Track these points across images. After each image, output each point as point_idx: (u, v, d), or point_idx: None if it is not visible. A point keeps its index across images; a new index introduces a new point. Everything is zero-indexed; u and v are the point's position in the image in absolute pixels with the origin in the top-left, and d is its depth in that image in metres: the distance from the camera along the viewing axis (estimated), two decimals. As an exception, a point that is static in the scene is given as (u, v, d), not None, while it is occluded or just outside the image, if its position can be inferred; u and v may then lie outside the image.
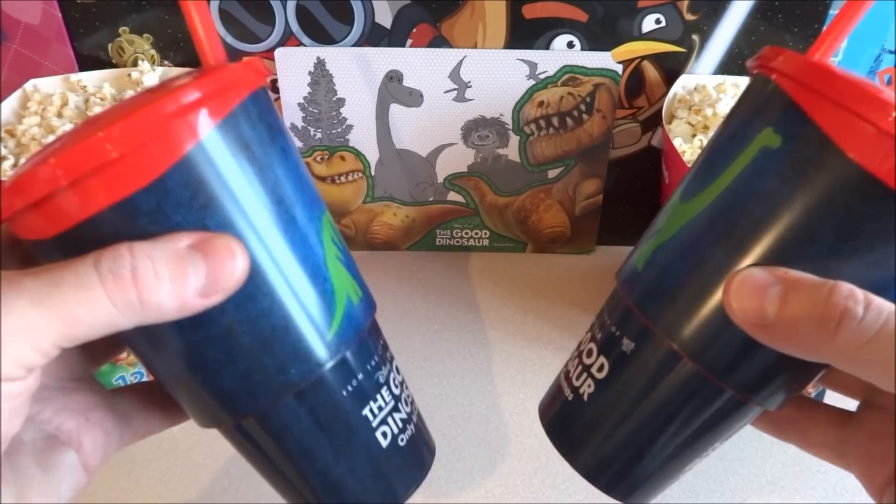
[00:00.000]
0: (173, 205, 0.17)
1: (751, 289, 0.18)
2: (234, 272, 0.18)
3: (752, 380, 0.20)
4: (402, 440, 0.23)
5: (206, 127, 0.18)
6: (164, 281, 0.16)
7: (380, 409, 0.22)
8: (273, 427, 0.21)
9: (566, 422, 0.24)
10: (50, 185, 0.16)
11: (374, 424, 0.22)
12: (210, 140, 0.18)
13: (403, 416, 0.23)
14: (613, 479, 0.23)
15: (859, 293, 0.17)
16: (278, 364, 0.20)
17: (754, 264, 0.19)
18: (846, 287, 0.17)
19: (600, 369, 0.22)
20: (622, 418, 0.22)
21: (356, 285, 0.22)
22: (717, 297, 0.19)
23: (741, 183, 0.19)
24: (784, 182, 0.18)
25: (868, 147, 0.17)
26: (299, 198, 0.20)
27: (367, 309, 0.23)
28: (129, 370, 0.43)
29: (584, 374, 0.23)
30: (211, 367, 0.20)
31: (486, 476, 0.42)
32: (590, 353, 0.23)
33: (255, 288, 0.19)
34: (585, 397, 0.23)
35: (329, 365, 0.21)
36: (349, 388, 0.21)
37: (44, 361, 0.16)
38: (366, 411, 0.22)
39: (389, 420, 0.23)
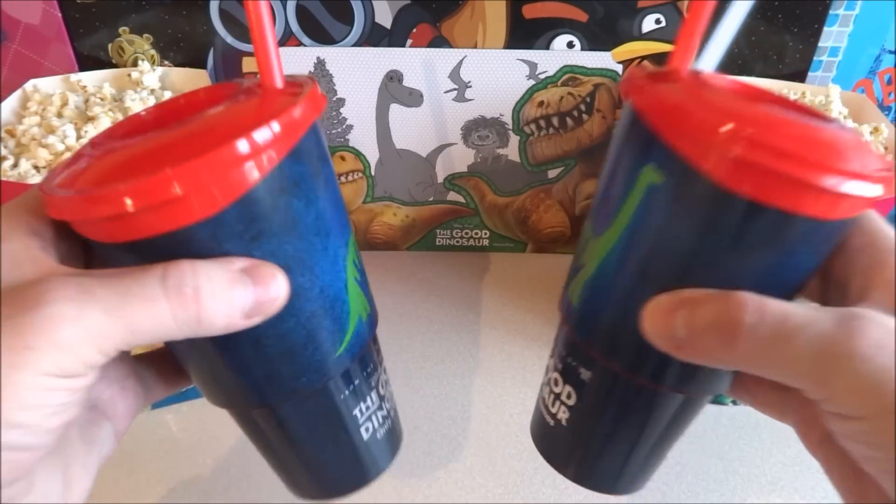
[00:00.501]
0: (227, 235, 0.18)
1: (660, 315, 0.20)
2: (277, 298, 0.19)
3: (696, 381, 0.22)
4: (379, 434, 0.26)
5: (266, 169, 0.18)
6: (220, 301, 0.18)
7: (367, 408, 0.25)
8: (276, 417, 0.23)
9: (554, 444, 0.27)
10: (115, 209, 0.17)
11: (361, 422, 0.25)
12: (268, 181, 0.18)
13: (384, 413, 0.26)
14: (601, 480, 0.26)
15: (752, 302, 0.18)
16: (292, 373, 0.22)
17: (667, 289, 0.20)
18: (739, 297, 0.18)
19: (569, 397, 0.25)
20: (598, 435, 0.25)
21: (366, 302, 0.24)
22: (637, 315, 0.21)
23: (638, 220, 0.20)
24: (674, 214, 0.19)
25: (727, 170, 0.18)
26: (333, 227, 0.21)
27: (373, 322, 0.25)
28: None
29: (558, 402, 0.25)
30: (233, 369, 0.21)
31: (486, 476, 0.42)
32: (556, 382, 0.25)
33: (284, 310, 0.20)
34: (564, 422, 0.25)
35: (335, 375, 0.23)
36: (346, 392, 0.24)
37: (104, 361, 0.18)
38: (356, 411, 0.24)
39: (373, 417, 0.25)
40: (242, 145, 0.17)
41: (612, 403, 0.24)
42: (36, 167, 0.43)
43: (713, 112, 0.18)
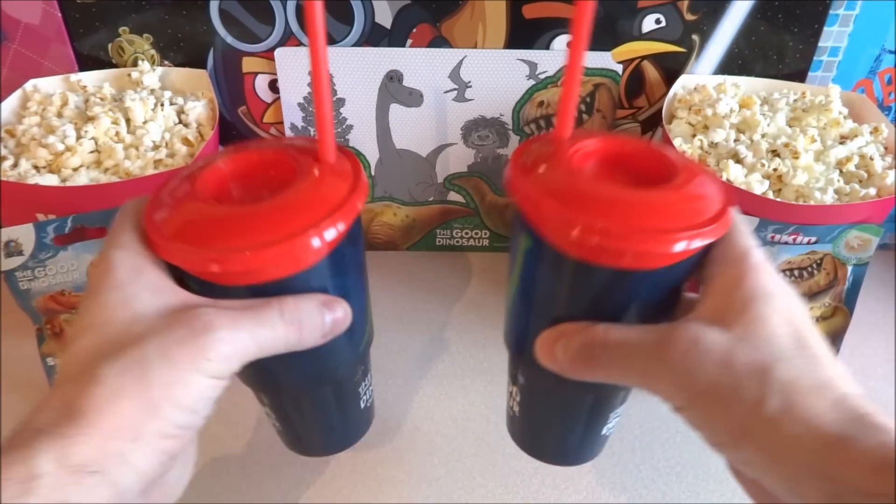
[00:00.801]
0: (314, 278, 0.26)
1: (546, 346, 0.26)
2: (345, 323, 0.27)
3: (595, 387, 0.28)
4: (369, 403, 0.35)
5: (340, 236, 0.25)
6: (313, 328, 0.26)
7: (365, 385, 0.33)
8: (306, 398, 0.32)
9: (514, 429, 0.35)
10: (239, 268, 0.24)
11: (360, 395, 0.33)
12: (340, 243, 0.26)
13: (371, 387, 0.35)
14: (552, 456, 0.35)
15: (599, 333, 0.24)
16: (331, 368, 0.30)
17: (553, 321, 0.27)
18: (592, 331, 0.25)
19: (517, 395, 0.33)
20: (537, 423, 0.33)
21: (371, 307, 0.32)
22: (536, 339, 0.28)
23: (524, 273, 0.28)
24: (542, 270, 0.27)
25: (574, 247, 0.24)
26: (364, 262, 0.29)
27: (372, 321, 0.32)
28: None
29: (511, 398, 0.34)
30: (290, 366, 0.29)
31: (486, 476, 0.42)
32: (510, 384, 0.33)
33: None
34: (517, 413, 0.33)
35: (356, 365, 0.31)
36: (357, 375, 0.32)
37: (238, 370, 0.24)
38: (360, 388, 0.33)
39: (367, 391, 0.34)
40: (329, 228, 0.25)
41: (541, 402, 0.32)
42: (36, 167, 0.43)
43: (565, 203, 0.25)
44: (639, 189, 0.26)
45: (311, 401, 0.32)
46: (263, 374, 0.30)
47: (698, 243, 0.24)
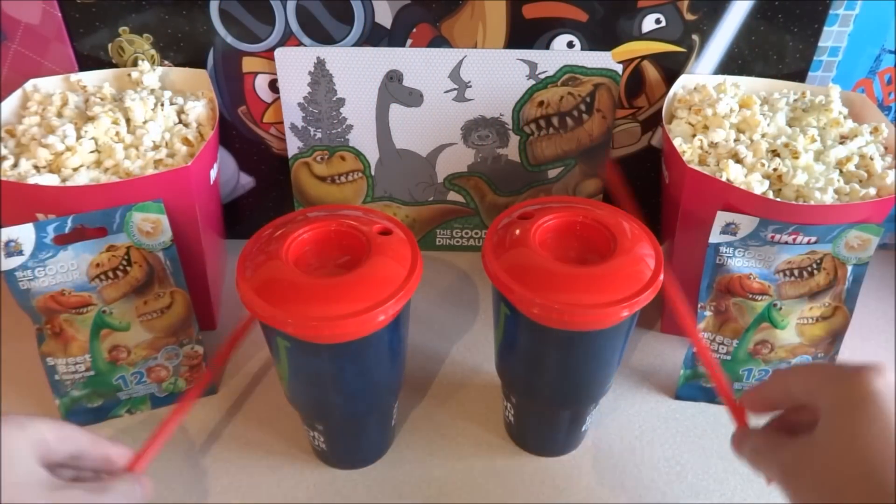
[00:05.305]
0: (390, 331, 0.35)
1: (735, 441, 0.33)
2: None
3: (573, 402, 0.40)
4: (396, 418, 0.43)
5: (403, 304, 0.35)
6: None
7: (396, 406, 0.42)
8: (356, 423, 0.40)
9: (511, 432, 0.45)
10: (328, 336, 0.33)
11: (393, 415, 0.42)
12: (403, 309, 0.35)
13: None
14: (540, 450, 0.44)
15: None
16: (384, 399, 0.40)
17: (525, 362, 0.38)
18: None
19: (510, 409, 0.43)
20: (526, 429, 0.43)
21: None
22: (521, 378, 0.40)
23: (506, 328, 0.38)
24: (519, 329, 0.37)
25: (537, 314, 0.34)
26: (409, 311, 0.38)
27: None
28: (130, 370, 0.43)
29: (505, 410, 0.44)
30: (351, 400, 0.38)
31: (487, 475, 0.42)
32: (504, 399, 0.44)
33: (398, 361, 0.39)
34: (513, 422, 0.44)
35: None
36: (394, 401, 0.42)
37: None
38: (393, 409, 0.42)
39: (396, 409, 0.43)
40: (399, 301, 0.33)
41: (530, 416, 0.42)
42: (36, 167, 0.43)
43: (528, 287, 0.34)
44: (586, 265, 0.35)
45: (360, 426, 0.39)
46: (327, 408, 0.38)
47: (628, 312, 0.33)
